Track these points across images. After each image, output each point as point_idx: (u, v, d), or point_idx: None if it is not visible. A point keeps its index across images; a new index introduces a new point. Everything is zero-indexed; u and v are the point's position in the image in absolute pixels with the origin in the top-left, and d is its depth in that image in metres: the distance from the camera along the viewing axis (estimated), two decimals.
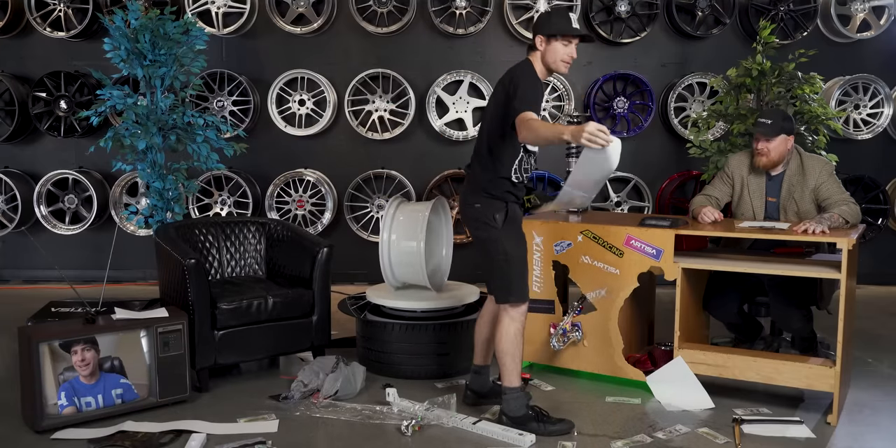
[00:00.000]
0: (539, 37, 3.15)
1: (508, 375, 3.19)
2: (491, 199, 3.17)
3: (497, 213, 3.16)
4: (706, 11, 6.14)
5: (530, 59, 3.19)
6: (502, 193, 3.18)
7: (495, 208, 3.16)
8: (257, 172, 6.34)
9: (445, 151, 6.35)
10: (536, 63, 3.18)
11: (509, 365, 3.17)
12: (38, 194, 6.20)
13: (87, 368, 3.23)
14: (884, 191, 6.16)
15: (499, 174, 3.17)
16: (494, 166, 3.17)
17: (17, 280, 6.47)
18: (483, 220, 3.16)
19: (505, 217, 3.17)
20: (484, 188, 3.17)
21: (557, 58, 3.14)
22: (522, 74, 3.11)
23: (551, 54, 3.14)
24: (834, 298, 3.49)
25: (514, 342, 3.17)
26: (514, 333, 3.17)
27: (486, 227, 3.16)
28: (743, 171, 3.91)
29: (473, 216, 3.19)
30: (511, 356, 3.17)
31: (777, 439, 3.15)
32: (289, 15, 6.18)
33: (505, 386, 3.20)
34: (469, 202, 3.21)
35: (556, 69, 3.17)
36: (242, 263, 4.35)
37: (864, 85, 6.13)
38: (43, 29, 6.16)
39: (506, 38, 6.32)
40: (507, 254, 3.14)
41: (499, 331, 3.19)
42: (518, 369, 3.20)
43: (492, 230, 3.15)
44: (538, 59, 3.18)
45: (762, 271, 3.45)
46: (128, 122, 4.72)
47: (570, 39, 3.14)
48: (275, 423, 3.29)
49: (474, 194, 3.20)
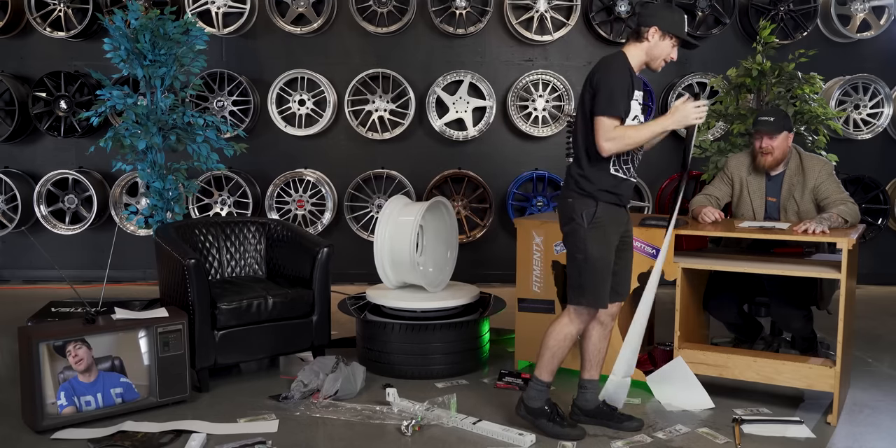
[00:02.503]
0: (655, 28, 3.00)
1: (542, 369, 3.13)
2: (582, 195, 3.03)
3: (585, 210, 3.01)
4: (706, 11, 6.14)
5: (625, 51, 3.04)
6: (596, 191, 3.02)
7: (585, 206, 3.01)
8: (257, 172, 6.34)
9: (445, 151, 6.36)
10: (636, 54, 3.04)
11: (546, 359, 3.12)
12: (38, 194, 6.21)
13: (82, 364, 3.22)
14: (884, 191, 6.16)
15: (597, 169, 3.02)
16: (591, 162, 3.03)
17: (17, 280, 6.47)
18: (570, 214, 3.05)
19: (593, 216, 3.01)
20: (577, 183, 3.05)
21: (663, 55, 3.04)
22: (609, 69, 2.97)
23: (659, 50, 3.02)
24: (834, 298, 3.49)
25: (561, 343, 3.10)
26: (566, 336, 3.10)
27: (571, 223, 3.05)
28: (742, 172, 3.91)
29: (563, 210, 3.09)
30: (552, 353, 3.11)
31: (777, 439, 3.15)
32: (289, 15, 6.18)
33: (535, 374, 3.16)
34: (563, 195, 3.11)
35: (655, 66, 3.07)
36: (242, 263, 4.35)
37: (864, 85, 6.13)
38: (43, 29, 6.16)
39: (506, 38, 6.32)
40: (587, 253, 3.01)
41: (554, 326, 3.12)
42: (553, 368, 3.13)
43: (576, 227, 3.03)
44: (641, 50, 3.03)
45: (762, 271, 3.45)
46: (128, 122, 4.71)
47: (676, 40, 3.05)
48: (275, 423, 3.29)
49: (567, 188, 3.10)
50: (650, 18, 3.04)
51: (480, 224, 6.29)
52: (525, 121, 6.26)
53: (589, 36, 6.33)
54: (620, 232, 3.12)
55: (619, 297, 3.21)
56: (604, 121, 2.93)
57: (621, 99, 2.94)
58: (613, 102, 2.93)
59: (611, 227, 3.06)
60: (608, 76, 2.96)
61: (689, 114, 2.96)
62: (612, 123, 2.93)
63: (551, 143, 6.30)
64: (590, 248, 3.01)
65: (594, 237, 3.02)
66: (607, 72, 2.97)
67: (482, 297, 4.22)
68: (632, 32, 3.11)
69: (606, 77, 2.96)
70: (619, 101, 2.94)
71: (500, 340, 4.50)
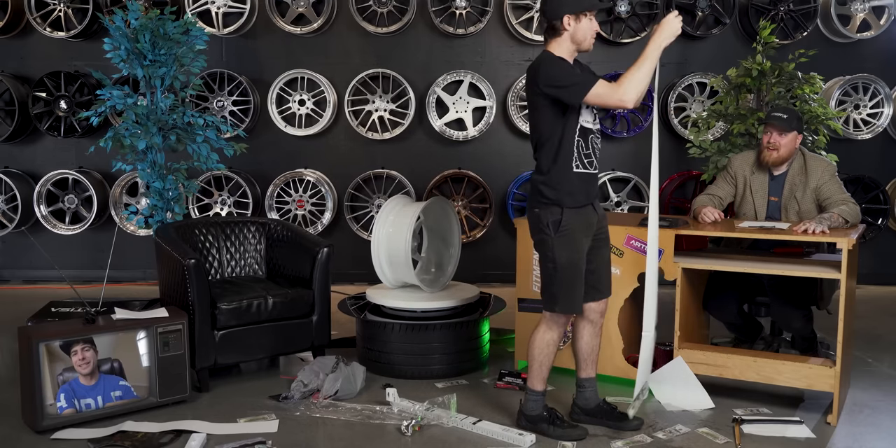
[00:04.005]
0: (567, 17, 2.95)
1: (532, 378, 3.18)
2: (547, 204, 3.04)
3: (551, 219, 3.03)
4: (706, 11, 6.14)
5: (549, 50, 3.02)
6: (561, 197, 3.02)
7: (550, 214, 3.03)
8: (257, 172, 6.34)
9: (445, 151, 6.36)
10: (562, 47, 3.00)
11: (535, 369, 3.16)
12: (38, 194, 6.20)
13: (88, 367, 3.23)
14: (884, 191, 6.16)
15: (560, 172, 3.03)
16: (550, 165, 3.04)
17: (17, 280, 6.47)
18: (538, 224, 3.08)
19: (559, 224, 3.02)
20: (540, 192, 3.06)
21: (588, 34, 3.00)
22: (542, 66, 2.96)
23: (581, 32, 2.97)
24: (834, 298, 3.49)
25: (544, 351, 3.14)
26: (548, 342, 3.14)
27: (538, 234, 3.09)
28: (746, 171, 3.91)
29: (531, 221, 3.13)
30: (538, 362, 3.15)
31: (777, 439, 3.15)
32: (289, 15, 6.18)
33: (527, 385, 3.21)
34: (529, 206, 3.14)
35: (586, 47, 3.02)
36: (242, 263, 4.36)
37: (864, 85, 6.13)
38: (43, 29, 6.16)
39: (506, 38, 6.32)
40: (556, 262, 3.03)
41: (533, 335, 3.16)
42: (544, 376, 3.17)
43: (543, 236, 3.06)
44: (565, 41, 3.00)
45: (762, 271, 3.45)
46: (128, 122, 4.71)
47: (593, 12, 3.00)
48: (275, 423, 3.29)
49: (533, 199, 3.11)
50: (555, 9, 2.97)
51: (480, 224, 6.29)
52: (525, 121, 6.25)
53: None
54: (591, 233, 3.12)
55: (601, 295, 3.22)
56: (595, 90, 2.89)
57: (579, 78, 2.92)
58: (579, 78, 2.92)
59: (579, 233, 3.05)
60: (549, 70, 2.93)
61: (676, 25, 3.04)
62: (603, 84, 2.90)
63: None
64: (558, 257, 3.03)
65: (562, 245, 3.03)
66: (544, 68, 2.94)
67: (482, 297, 4.22)
68: (546, 30, 3.04)
69: (548, 71, 2.93)
70: (578, 75, 2.93)
71: (500, 340, 4.50)
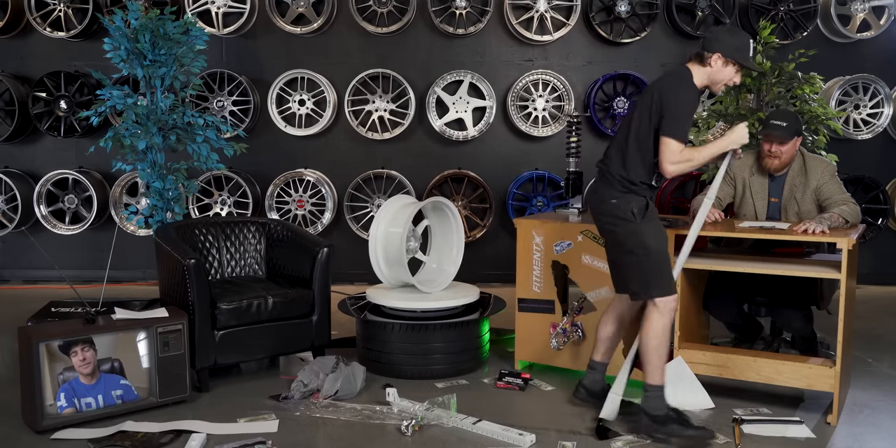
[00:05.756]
0: (718, 55, 3.04)
1: (653, 372, 3.11)
2: (629, 193, 3.09)
3: (636, 207, 3.07)
4: (706, 11, 6.14)
5: (691, 69, 3.08)
6: (639, 188, 3.10)
7: (634, 203, 3.07)
8: (257, 172, 6.34)
9: (445, 151, 6.36)
10: (699, 76, 3.07)
11: (655, 361, 3.10)
12: (38, 194, 6.20)
13: (89, 367, 3.23)
14: (884, 191, 6.16)
15: (639, 177, 3.10)
16: (637, 169, 3.09)
17: (17, 280, 6.47)
18: (620, 215, 3.08)
19: (645, 210, 3.08)
20: (622, 183, 3.09)
21: (725, 80, 3.08)
22: (680, 89, 3.01)
23: (721, 75, 3.07)
24: (834, 298, 3.49)
25: (661, 338, 3.09)
26: (663, 329, 3.09)
27: (622, 223, 3.08)
28: (745, 173, 3.90)
29: (609, 212, 3.11)
30: (657, 352, 3.09)
31: (777, 439, 3.15)
32: (289, 15, 6.18)
33: (648, 383, 3.12)
34: (604, 198, 3.13)
35: (716, 90, 3.13)
36: (242, 263, 4.35)
37: (864, 85, 6.13)
38: (43, 29, 6.16)
39: (506, 38, 6.32)
40: (647, 248, 3.05)
41: (646, 326, 3.11)
42: (663, 366, 3.12)
43: (629, 224, 3.07)
44: (703, 73, 3.07)
45: (762, 271, 3.45)
46: (128, 122, 4.71)
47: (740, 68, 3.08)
48: (275, 423, 3.29)
49: (610, 189, 3.12)
50: (714, 44, 3.06)
51: (480, 224, 6.29)
52: (525, 121, 6.26)
53: (589, 36, 6.33)
54: None
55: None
56: (672, 144, 2.97)
57: (687, 122, 3.00)
58: (681, 126, 2.98)
59: (657, 219, 3.16)
60: (679, 96, 2.99)
61: (743, 134, 3.11)
62: (678, 147, 2.98)
63: (551, 143, 6.30)
64: (648, 241, 3.06)
65: (650, 230, 3.08)
66: (678, 92, 3.00)
67: (482, 297, 4.22)
68: (695, 54, 3.12)
69: (677, 97, 2.99)
70: (686, 124, 3.00)
71: (500, 340, 4.50)
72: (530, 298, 3.95)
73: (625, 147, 3.12)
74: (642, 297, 3.12)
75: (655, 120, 3.04)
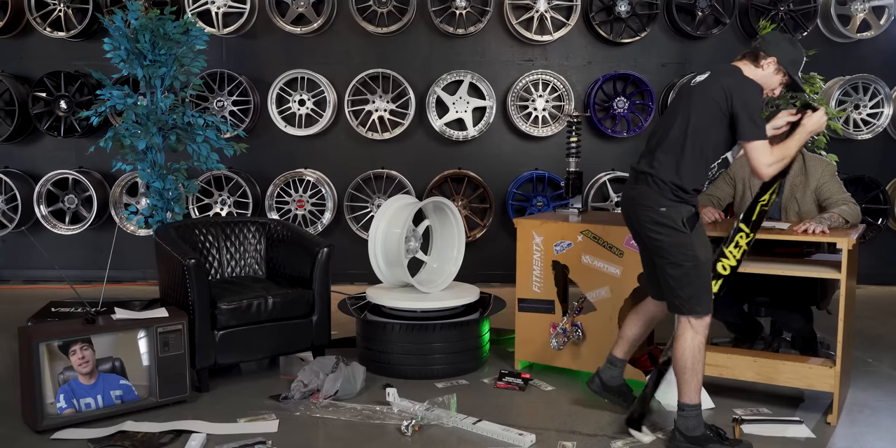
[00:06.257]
0: (774, 60, 2.97)
1: (688, 391, 2.96)
2: (680, 202, 2.93)
3: (686, 216, 2.92)
4: (706, 11, 6.14)
5: (744, 70, 2.99)
6: (690, 196, 2.96)
7: (684, 212, 2.92)
8: (257, 172, 6.34)
9: (445, 151, 6.36)
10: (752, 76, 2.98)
11: (690, 381, 2.95)
12: (38, 194, 6.20)
13: (88, 366, 3.23)
14: (884, 191, 6.16)
15: (692, 185, 2.95)
16: (692, 176, 2.95)
17: (17, 280, 6.47)
18: (670, 224, 2.91)
19: (696, 221, 2.96)
20: (674, 191, 2.93)
21: (769, 87, 3.00)
22: (746, 91, 2.90)
23: (769, 81, 2.99)
24: (834, 298, 3.49)
25: (696, 357, 2.94)
26: (698, 347, 2.94)
27: (671, 233, 2.92)
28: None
29: (655, 220, 2.94)
30: (692, 371, 2.94)
31: (777, 439, 3.16)
32: (289, 15, 6.18)
33: (682, 402, 2.97)
34: (651, 205, 2.95)
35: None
36: (242, 263, 4.35)
37: (864, 85, 6.13)
38: (43, 29, 6.16)
39: (506, 38, 6.32)
40: (696, 260, 2.91)
41: (680, 345, 2.96)
42: (699, 385, 2.97)
43: (679, 235, 2.91)
44: (753, 74, 2.98)
45: (762, 271, 3.45)
46: (128, 122, 4.71)
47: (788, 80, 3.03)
48: (275, 423, 3.29)
49: (659, 196, 2.94)
50: (773, 48, 2.99)
51: (480, 224, 6.29)
52: (525, 121, 6.26)
53: (589, 36, 6.33)
54: None
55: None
56: (762, 145, 2.88)
57: (760, 119, 2.92)
58: (759, 125, 2.89)
59: (704, 231, 3.04)
60: (747, 98, 2.89)
61: (821, 120, 3.06)
62: (765, 146, 2.89)
63: (551, 143, 6.30)
64: (698, 253, 2.92)
65: (699, 241, 2.95)
66: (745, 94, 2.90)
67: (482, 297, 4.22)
68: (749, 53, 3.04)
69: (744, 100, 2.88)
70: (761, 122, 2.91)
71: (500, 340, 4.50)
72: (530, 298, 3.95)
73: (679, 151, 2.94)
74: (684, 312, 2.95)
75: (726, 120, 2.91)
